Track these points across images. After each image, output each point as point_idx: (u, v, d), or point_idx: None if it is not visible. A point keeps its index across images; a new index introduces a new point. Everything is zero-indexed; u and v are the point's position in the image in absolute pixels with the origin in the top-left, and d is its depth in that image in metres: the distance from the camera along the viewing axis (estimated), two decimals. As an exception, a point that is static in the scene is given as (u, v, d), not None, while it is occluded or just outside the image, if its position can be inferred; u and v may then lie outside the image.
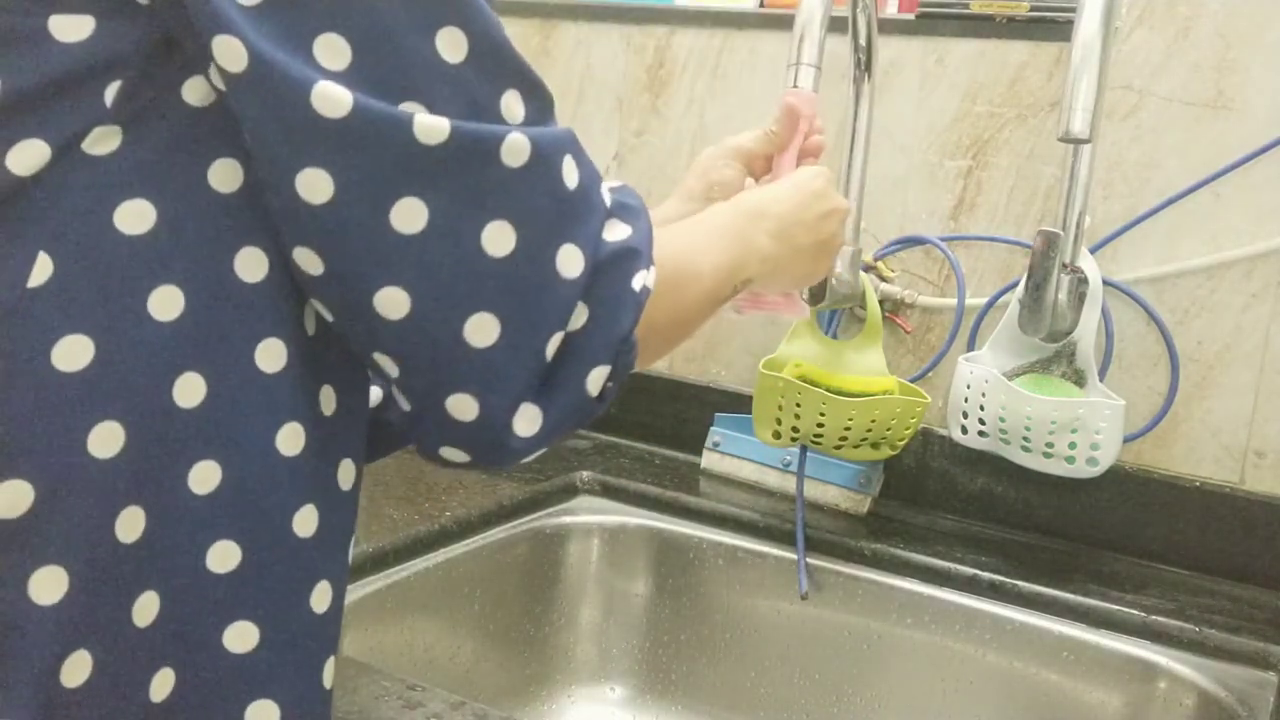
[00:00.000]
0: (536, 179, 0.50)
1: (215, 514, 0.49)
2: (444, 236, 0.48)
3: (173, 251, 0.46)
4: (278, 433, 0.51)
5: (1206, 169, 1.05)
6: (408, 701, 0.75)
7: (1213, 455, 1.08)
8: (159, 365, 0.47)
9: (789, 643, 1.09)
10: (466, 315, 0.49)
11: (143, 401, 0.46)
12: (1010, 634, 1.01)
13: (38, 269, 0.44)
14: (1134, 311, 1.09)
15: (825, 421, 1.05)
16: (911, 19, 1.16)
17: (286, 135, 0.45)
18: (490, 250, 0.49)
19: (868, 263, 1.16)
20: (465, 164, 0.48)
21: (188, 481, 0.49)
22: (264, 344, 0.50)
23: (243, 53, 0.44)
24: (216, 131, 0.47)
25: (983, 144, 1.14)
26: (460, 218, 0.48)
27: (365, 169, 0.46)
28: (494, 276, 0.49)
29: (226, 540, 0.50)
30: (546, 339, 0.51)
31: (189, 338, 0.47)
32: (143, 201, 0.46)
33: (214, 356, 0.48)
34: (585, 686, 1.15)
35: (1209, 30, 1.04)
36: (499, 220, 0.49)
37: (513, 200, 0.50)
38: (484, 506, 1.08)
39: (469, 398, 0.51)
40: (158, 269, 0.46)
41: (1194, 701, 0.93)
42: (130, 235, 0.46)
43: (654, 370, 1.33)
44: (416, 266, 0.48)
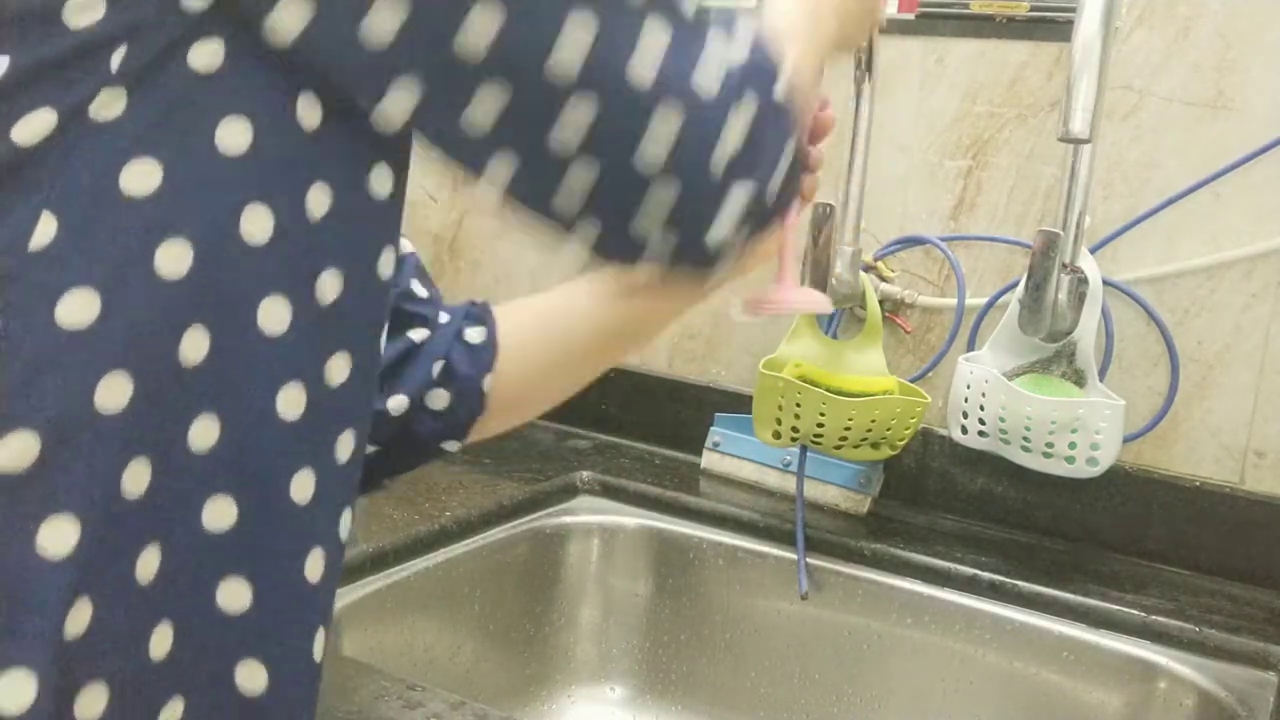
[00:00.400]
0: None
1: (214, 471, 0.50)
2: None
3: (180, 209, 0.47)
4: (278, 394, 0.51)
5: (1206, 169, 1.05)
6: (408, 701, 0.75)
7: (1213, 455, 1.08)
8: (167, 319, 0.47)
9: (789, 643, 1.09)
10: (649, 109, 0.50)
11: (150, 355, 0.47)
12: (1010, 634, 1.01)
13: (41, 229, 0.45)
14: (1134, 311, 1.09)
15: (825, 421, 1.05)
16: (911, 19, 1.16)
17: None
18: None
19: (868, 263, 1.16)
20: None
21: (188, 437, 0.49)
22: (266, 303, 0.50)
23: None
24: (226, 90, 0.47)
25: (983, 144, 1.14)
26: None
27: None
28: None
29: (224, 497, 0.50)
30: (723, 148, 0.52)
31: (196, 293, 0.47)
32: (149, 161, 0.46)
33: (219, 313, 0.48)
34: (585, 686, 1.15)
35: (1209, 30, 1.04)
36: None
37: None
38: (484, 506, 1.08)
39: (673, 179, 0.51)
40: (165, 226, 0.46)
41: (1194, 701, 0.93)
42: (137, 194, 0.46)
43: (654, 370, 1.33)
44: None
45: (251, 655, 0.52)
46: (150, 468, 0.48)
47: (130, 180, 0.46)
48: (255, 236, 0.49)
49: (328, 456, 0.54)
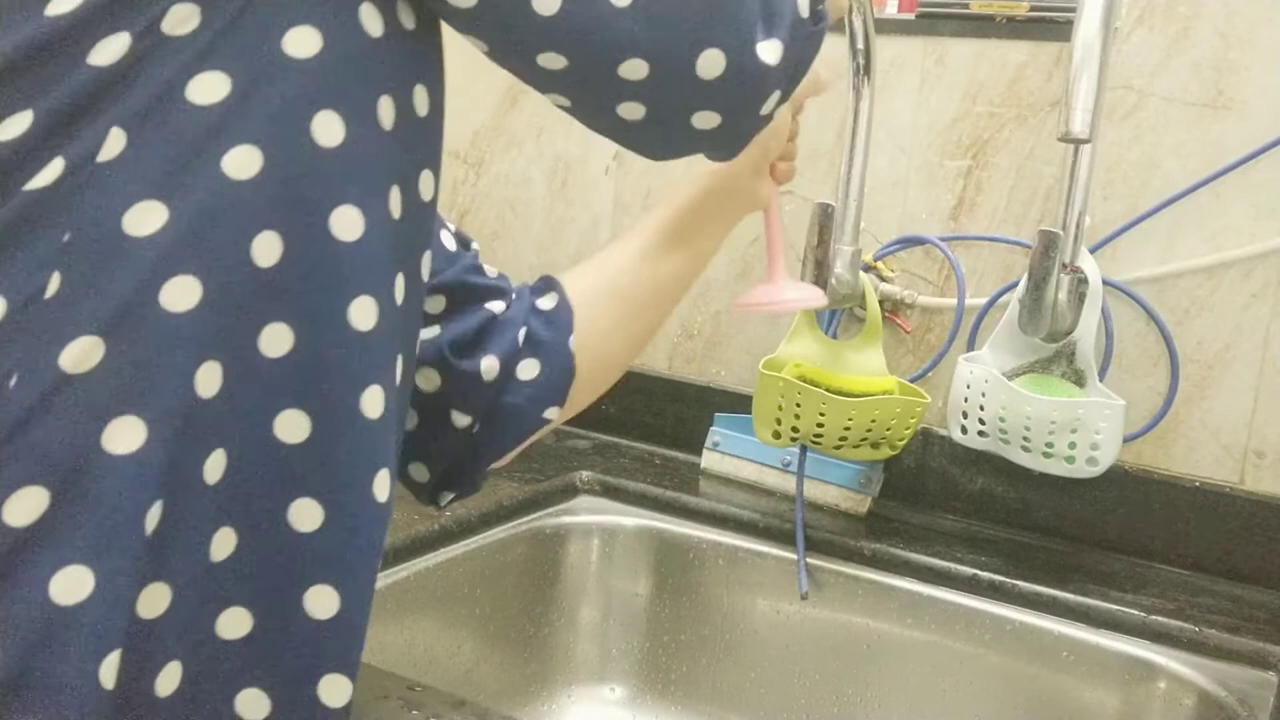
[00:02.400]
0: None
1: (285, 379, 0.50)
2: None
3: (248, 116, 0.47)
4: (350, 304, 0.51)
5: (1206, 169, 1.05)
6: (408, 701, 0.75)
7: (1213, 455, 1.08)
8: (237, 222, 0.48)
9: (789, 643, 1.09)
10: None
11: (220, 258, 0.47)
12: (1010, 634, 1.01)
13: (110, 142, 0.46)
14: (1134, 311, 1.09)
15: (825, 421, 1.05)
16: (911, 19, 1.16)
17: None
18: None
19: (868, 263, 1.16)
20: None
21: (259, 343, 0.49)
22: (340, 210, 0.50)
23: None
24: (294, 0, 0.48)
25: (983, 144, 1.14)
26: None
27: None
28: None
29: (295, 409, 0.50)
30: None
31: (267, 197, 0.48)
32: (218, 74, 0.47)
33: (291, 218, 0.49)
34: (585, 686, 1.15)
35: (1209, 30, 1.04)
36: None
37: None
38: (484, 506, 1.08)
39: (714, 51, 0.54)
40: (233, 132, 0.47)
41: (1194, 701, 0.93)
42: (204, 104, 0.47)
43: (654, 370, 1.33)
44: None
45: (322, 580, 0.53)
46: (222, 370, 0.48)
47: (197, 91, 0.47)
48: (327, 142, 0.49)
49: (391, 374, 0.55)
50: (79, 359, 0.45)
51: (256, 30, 0.47)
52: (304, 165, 0.49)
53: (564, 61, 0.53)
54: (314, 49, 0.48)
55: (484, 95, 1.40)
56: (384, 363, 0.54)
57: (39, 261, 0.45)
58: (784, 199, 1.23)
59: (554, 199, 1.38)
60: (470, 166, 1.43)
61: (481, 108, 1.40)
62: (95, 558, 0.45)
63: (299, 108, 0.48)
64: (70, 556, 0.45)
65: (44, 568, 0.45)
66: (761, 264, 1.24)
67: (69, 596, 0.45)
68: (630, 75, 0.54)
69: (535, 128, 1.37)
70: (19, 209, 0.45)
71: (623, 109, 0.56)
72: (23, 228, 0.45)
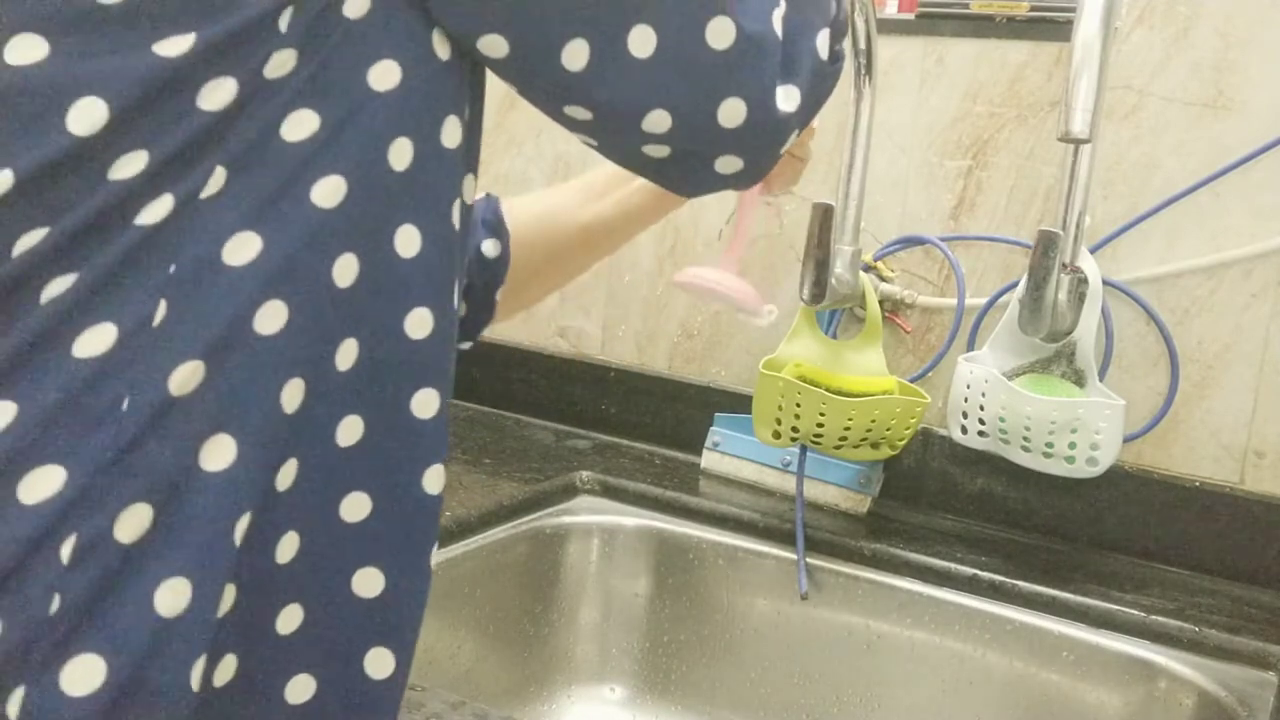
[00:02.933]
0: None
1: (349, 389, 0.53)
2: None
3: (336, 149, 0.50)
4: (407, 316, 0.54)
5: (1206, 169, 1.05)
6: (408, 701, 0.75)
7: (1213, 455, 1.08)
8: (322, 248, 0.50)
9: (789, 643, 1.09)
10: (706, 22, 0.54)
11: (307, 282, 0.50)
12: (1010, 634, 1.01)
13: (213, 180, 0.48)
14: (1134, 311, 1.09)
15: (825, 421, 1.05)
16: (911, 19, 1.16)
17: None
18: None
19: (868, 263, 1.16)
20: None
21: (335, 358, 0.52)
22: (402, 230, 0.53)
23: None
24: (377, 35, 0.50)
25: (983, 144, 1.14)
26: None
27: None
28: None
29: (353, 415, 0.53)
30: (777, 19, 0.57)
31: (347, 222, 0.51)
32: (309, 111, 0.49)
33: (365, 239, 0.52)
34: (585, 686, 1.15)
35: (1209, 30, 1.04)
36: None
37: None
38: (484, 506, 1.08)
39: (735, 100, 0.56)
40: (322, 165, 0.50)
41: (1194, 701, 0.93)
42: (297, 140, 0.49)
43: (654, 370, 1.33)
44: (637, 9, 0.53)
45: (369, 563, 0.55)
46: (304, 387, 0.51)
47: (290, 129, 0.49)
48: (399, 166, 0.52)
49: (444, 376, 0.57)
50: (183, 382, 0.48)
51: (345, 68, 0.50)
52: (380, 190, 0.52)
53: (589, 114, 0.56)
54: (395, 80, 0.51)
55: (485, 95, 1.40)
56: (437, 366, 0.56)
57: (148, 291, 0.47)
58: (784, 199, 1.23)
59: (554, 199, 1.38)
60: (470, 166, 1.43)
61: (481, 108, 1.40)
62: (193, 570, 0.48)
63: (380, 137, 0.51)
64: (172, 570, 0.47)
65: (149, 581, 0.47)
66: (761, 265, 1.24)
67: (171, 608, 0.47)
68: (653, 128, 0.56)
69: (535, 128, 1.37)
70: (130, 242, 0.47)
71: (648, 149, 0.58)
72: (134, 259, 0.48)
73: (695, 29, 0.54)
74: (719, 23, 0.54)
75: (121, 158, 0.47)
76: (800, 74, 0.59)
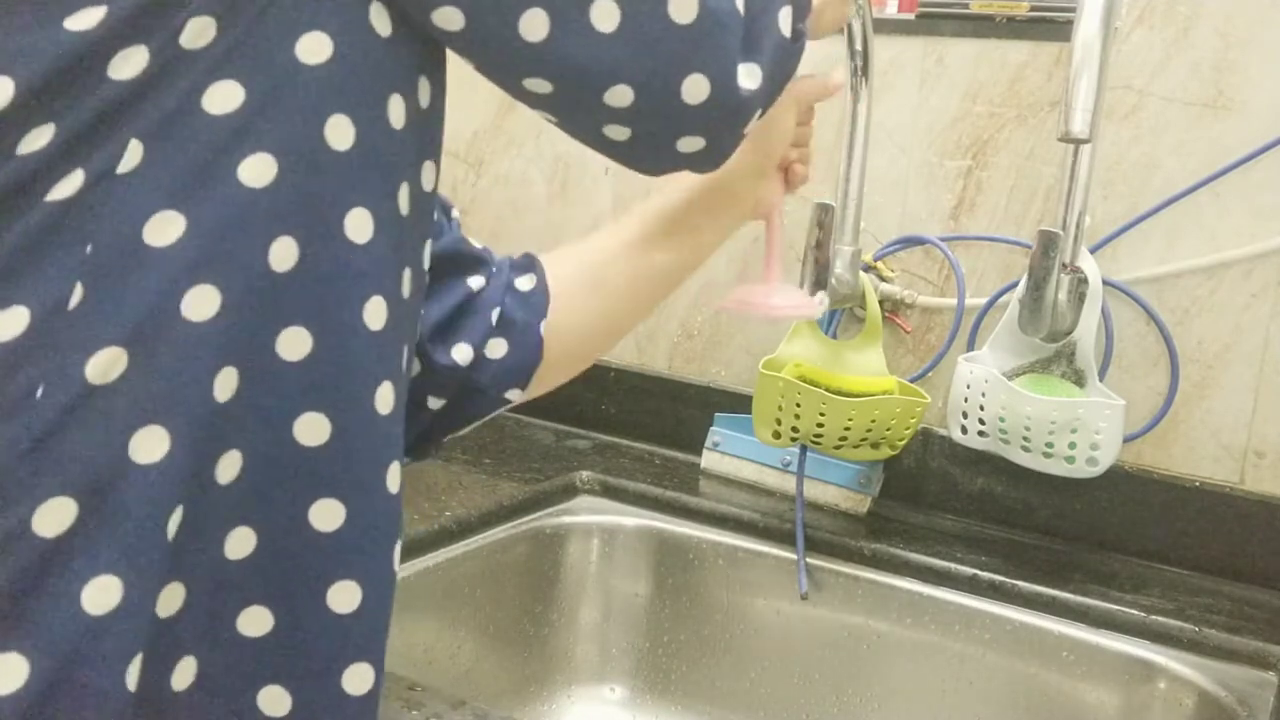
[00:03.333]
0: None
1: (306, 383, 0.51)
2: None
3: (263, 124, 0.48)
4: (364, 306, 0.52)
5: (1206, 169, 1.05)
6: (408, 701, 0.75)
7: (1213, 455, 1.08)
8: (254, 230, 0.48)
9: (789, 643, 1.09)
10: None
11: (239, 266, 0.48)
12: (1010, 634, 1.01)
13: (129, 154, 0.46)
14: (1134, 311, 1.09)
15: (825, 421, 1.05)
16: (911, 19, 1.16)
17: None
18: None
19: (868, 263, 1.16)
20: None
21: (277, 346, 0.50)
22: (353, 214, 0.51)
23: None
24: (303, 6, 0.48)
25: (983, 144, 1.14)
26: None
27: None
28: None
29: (315, 412, 0.51)
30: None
31: (283, 203, 0.49)
32: (232, 83, 0.47)
33: (306, 222, 0.50)
34: (585, 686, 1.15)
35: (1209, 30, 1.04)
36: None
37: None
38: (484, 506, 1.08)
39: (698, 76, 0.55)
40: (249, 141, 0.48)
41: (1194, 701, 0.93)
42: (220, 114, 0.47)
43: (654, 370, 1.33)
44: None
45: (346, 576, 0.54)
46: (239, 374, 0.49)
47: (212, 101, 0.47)
48: (339, 145, 0.50)
49: (399, 368, 0.56)
50: (103, 370, 0.46)
51: (270, 39, 0.48)
52: (317, 170, 0.49)
53: (549, 87, 0.54)
54: (325, 55, 0.49)
55: (484, 96, 1.40)
56: (393, 358, 0.55)
57: (62, 272, 0.46)
58: (785, 200, 1.23)
59: (554, 199, 1.38)
60: (470, 166, 1.43)
61: (481, 108, 1.40)
62: (124, 567, 0.46)
63: (312, 114, 0.49)
64: (100, 567, 0.46)
65: (75, 579, 0.45)
66: (759, 265, 1.24)
67: (100, 606, 0.46)
68: (615, 102, 0.55)
69: (535, 128, 1.37)
70: (41, 220, 0.46)
71: (609, 130, 0.57)
72: (45, 239, 0.46)
73: (658, 2, 0.53)
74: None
75: (30, 132, 0.45)
76: (762, 52, 0.58)
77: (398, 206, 0.53)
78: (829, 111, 1.17)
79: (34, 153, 0.46)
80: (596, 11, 0.52)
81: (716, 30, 0.55)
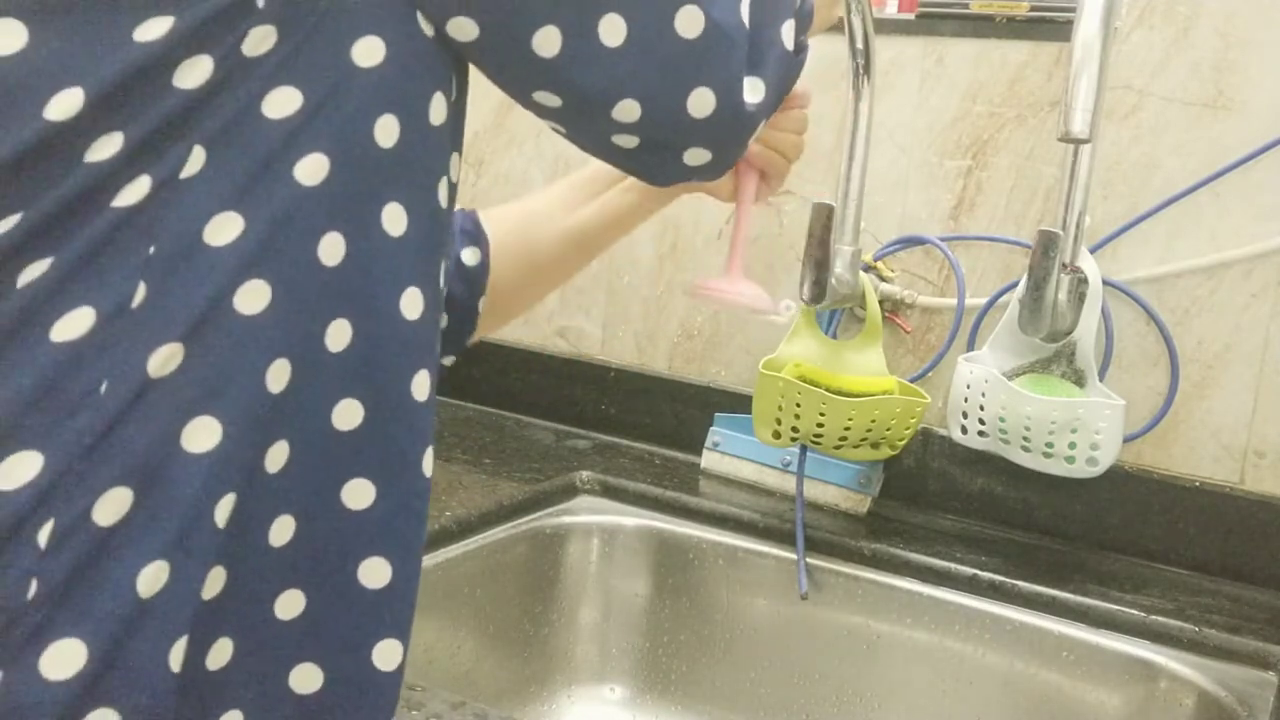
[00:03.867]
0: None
1: (345, 371, 0.52)
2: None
3: (318, 126, 0.49)
4: (402, 296, 0.54)
5: (1206, 169, 1.05)
6: (408, 701, 0.75)
7: (1213, 455, 1.08)
8: (306, 227, 0.50)
9: (789, 643, 1.09)
10: (675, 11, 0.54)
11: (291, 261, 0.50)
12: (1010, 634, 1.01)
13: (191, 160, 0.48)
14: (1134, 311, 1.09)
15: (825, 421, 1.05)
16: (911, 19, 1.16)
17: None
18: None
19: (868, 263, 1.16)
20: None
21: (325, 338, 0.51)
22: (389, 208, 0.53)
23: None
24: (360, 10, 0.50)
25: (983, 144, 1.14)
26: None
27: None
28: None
29: (351, 399, 0.53)
30: (744, 10, 0.57)
31: (332, 200, 0.50)
32: (290, 89, 0.49)
33: (352, 218, 0.51)
34: (585, 686, 1.15)
35: (1209, 30, 1.04)
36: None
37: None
38: (484, 506, 1.08)
39: (704, 90, 0.56)
40: (305, 142, 0.49)
41: (1194, 701, 0.93)
42: (278, 118, 0.49)
43: (654, 370, 1.33)
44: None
45: (375, 552, 0.55)
46: (290, 368, 0.50)
47: (271, 106, 0.48)
48: (386, 143, 0.51)
49: (434, 357, 0.57)
50: (162, 364, 0.47)
51: (327, 44, 0.49)
52: (365, 167, 0.51)
53: (559, 101, 0.55)
54: (379, 57, 0.50)
55: (484, 95, 1.40)
56: (429, 346, 0.56)
57: (125, 274, 0.47)
58: (784, 199, 1.23)
59: (554, 199, 1.38)
60: (470, 166, 1.43)
61: (482, 108, 1.40)
62: (173, 552, 0.48)
63: (364, 114, 0.50)
64: (152, 553, 0.47)
65: (129, 564, 0.47)
66: (761, 265, 1.24)
67: (149, 589, 0.47)
68: (623, 116, 0.56)
69: (535, 128, 1.37)
70: (107, 225, 0.47)
71: (617, 139, 0.58)
72: (112, 242, 0.47)
73: (665, 18, 0.54)
74: (688, 12, 0.54)
75: (98, 140, 0.47)
76: (766, 65, 0.59)
77: (433, 199, 0.55)
78: (829, 112, 1.18)
79: (102, 161, 0.47)
80: (605, 26, 0.53)
81: (722, 45, 0.56)
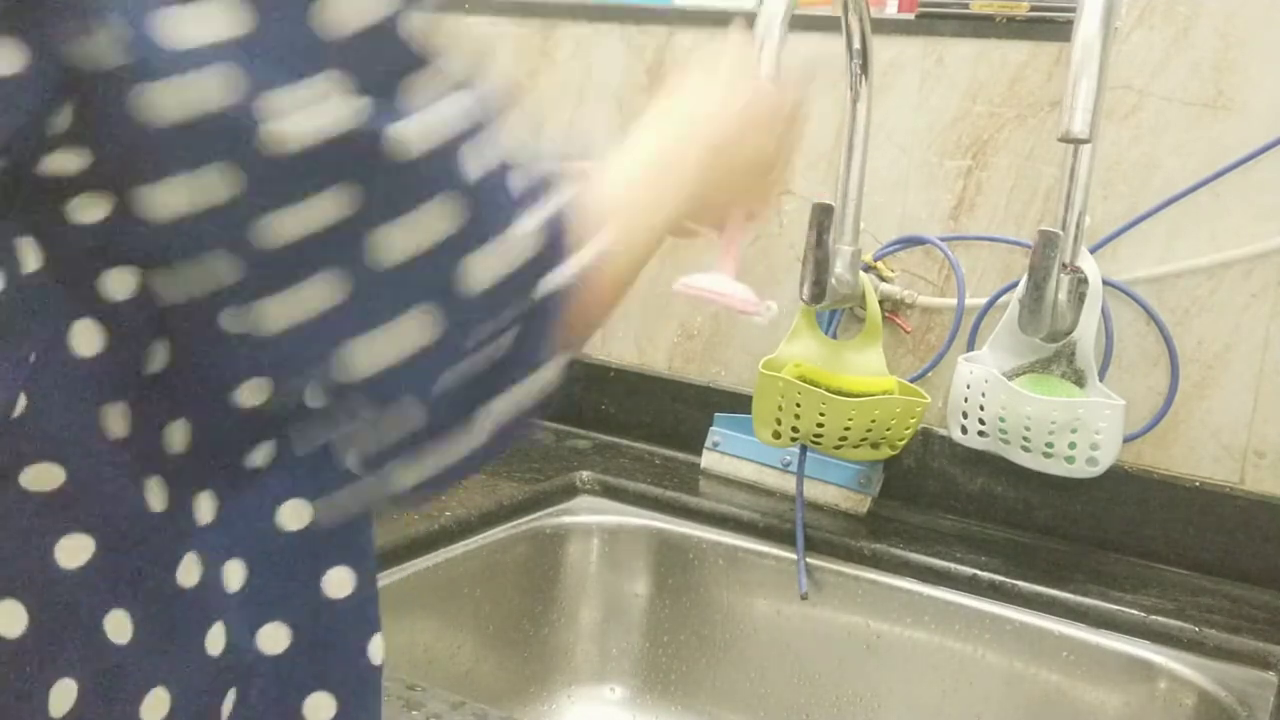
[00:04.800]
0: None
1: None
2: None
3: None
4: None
5: (1206, 169, 1.05)
6: (408, 701, 0.75)
7: (1213, 455, 1.08)
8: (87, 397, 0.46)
9: (789, 643, 1.09)
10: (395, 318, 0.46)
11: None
12: (1010, 634, 1.01)
13: None
14: (1134, 311, 1.09)
15: (825, 421, 1.05)
16: (911, 19, 1.16)
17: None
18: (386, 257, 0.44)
19: (868, 263, 1.16)
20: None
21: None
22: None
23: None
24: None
25: (983, 144, 1.14)
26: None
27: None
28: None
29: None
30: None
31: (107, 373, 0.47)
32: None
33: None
34: (585, 686, 1.15)
35: (1209, 30, 1.04)
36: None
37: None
38: (484, 506, 1.08)
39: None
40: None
41: (1194, 701, 0.93)
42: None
43: (654, 370, 1.33)
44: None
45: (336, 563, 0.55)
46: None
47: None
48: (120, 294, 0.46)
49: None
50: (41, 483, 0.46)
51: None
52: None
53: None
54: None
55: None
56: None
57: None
58: (784, 199, 1.23)
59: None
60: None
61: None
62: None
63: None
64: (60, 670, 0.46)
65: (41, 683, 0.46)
66: (761, 265, 1.24)
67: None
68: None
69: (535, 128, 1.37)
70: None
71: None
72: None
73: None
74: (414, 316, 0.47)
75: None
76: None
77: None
78: (829, 112, 1.18)
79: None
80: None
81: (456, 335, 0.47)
